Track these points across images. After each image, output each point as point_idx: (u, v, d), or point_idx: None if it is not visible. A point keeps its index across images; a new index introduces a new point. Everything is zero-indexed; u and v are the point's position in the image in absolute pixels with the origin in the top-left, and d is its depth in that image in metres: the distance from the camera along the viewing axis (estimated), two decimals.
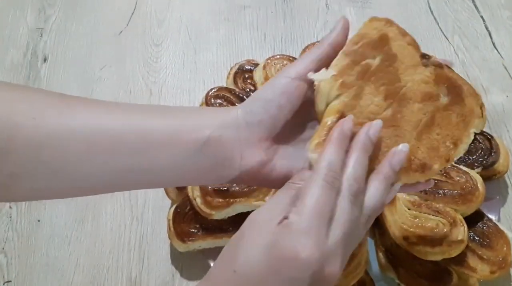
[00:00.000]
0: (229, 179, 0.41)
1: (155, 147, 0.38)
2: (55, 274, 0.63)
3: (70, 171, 0.37)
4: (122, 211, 0.67)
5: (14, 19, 0.85)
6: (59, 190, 0.39)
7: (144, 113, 0.40)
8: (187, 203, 0.59)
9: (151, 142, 0.38)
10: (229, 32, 0.83)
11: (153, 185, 0.43)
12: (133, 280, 0.62)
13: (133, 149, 0.38)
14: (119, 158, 0.38)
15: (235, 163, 0.40)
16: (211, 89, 0.67)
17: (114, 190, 0.43)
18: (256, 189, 0.55)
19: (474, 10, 0.83)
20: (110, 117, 0.38)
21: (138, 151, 0.38)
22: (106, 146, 0.37)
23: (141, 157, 0.38)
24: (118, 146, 0.38)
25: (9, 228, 0.66)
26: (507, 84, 0.75)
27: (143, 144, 0.38)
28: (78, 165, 0.37)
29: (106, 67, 0.80)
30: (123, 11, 0.86)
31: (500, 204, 0.64)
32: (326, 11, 0.85)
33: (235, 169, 0.40)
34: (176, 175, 0.40)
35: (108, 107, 0.40)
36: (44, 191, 0.39)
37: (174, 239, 0.60)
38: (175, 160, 0.39)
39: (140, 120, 0.39)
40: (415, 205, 0.54)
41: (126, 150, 0.38)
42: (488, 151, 0.62)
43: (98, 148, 0.37)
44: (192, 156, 0.39)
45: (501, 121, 0.71)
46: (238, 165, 0.40)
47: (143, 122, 0.39)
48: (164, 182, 0.45)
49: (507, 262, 0.55)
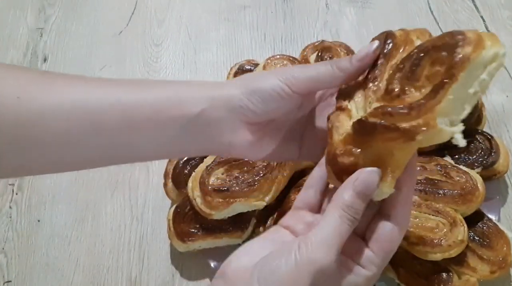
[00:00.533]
0: (215, 154, 0.42)
1: (140, 122, 0.39)
2: (55, 274, 0.63)
3: (56, 148, 0.38)
4: (122, 211, 0.67)
5: (14, 19, 0.85)
6: (46, 165, 0.40)
7: (129, 87, 0.40)
8: (187, 203, 0.59)
9: (135, 118, 0.39)
10: (229, 32, 0.83)
11: (138, 159, 0.43)
12: (133, 280, 0.62)
13: (116, 125, 0.38)
14: (103, 134, 0.38)
15: (223, 141, 0.41)
16: None
17: (101, 165, 0.43)
18: (256, 189, 0.55)
19: (474, 10, 0.83)
20: (93, 92, 0.39)
21: (121, 127, 0.39)
22: (90, 123, 0.38)
23: (125, 133, 0.39)
24: (101, 123, 0.38)
25: (9, 228, 0.66)
26: (507, 84, 0.75)
27: (126, 121, 0.38)
28: (63, 142, 0.38)
29: (106, 67, 0.80)
30: (123, 11, 0.86)
31: (500, 204, 0.64)
32: (326, 11, 0.85)
33: (223, 145, 0.41)
34: (162, 149, 0.41)
35: (92, 82, 0.40)
36: (31, 167, 0.40)
37: (174, 239, 0.60)
38: (160, 135, 0.40)
39: (124, 94, 0.39)
40: (415, 205, 0.54)
41: (109, 126, 0.38)
42: (488, 151, 0.62)
43: (81, 125, 0.38)
44: (178, 132, 0.40)
45: (501, 121, 0.71)
46: (227, 143, 0.41)
47: (126, 96, 0.39)
48: (148, 156, 0.45)
49: (507, 262, 0.55)
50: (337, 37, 0.81)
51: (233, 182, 0.56)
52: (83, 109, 0.38)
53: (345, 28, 0.82)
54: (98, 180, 0.69)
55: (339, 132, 0.38)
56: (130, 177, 0.69)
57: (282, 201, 0.59)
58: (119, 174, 0.69)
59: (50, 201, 0.68)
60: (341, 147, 0.38)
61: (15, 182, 0.69)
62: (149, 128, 0.39)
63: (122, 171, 0.70)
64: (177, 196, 0.63)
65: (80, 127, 0.38)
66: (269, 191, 0.56)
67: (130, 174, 0.69)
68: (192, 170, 0.60)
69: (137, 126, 0.39)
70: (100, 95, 0.38)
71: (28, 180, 0.70)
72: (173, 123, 0.39)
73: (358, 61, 0.38)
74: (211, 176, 0.56)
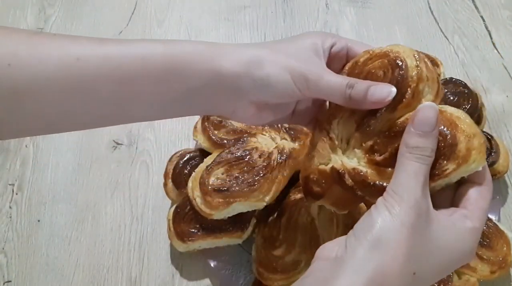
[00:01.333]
0: (215, 115, 0.44)
1: (134, 93, 0.38)
2: (55, 274, 0.63)
3: (53, 112, 0.38)
4: (122, 211, 0.67)
5: (14, 19, 0.85)
6: (46, 127, 0.40)
7: (123, 49, 0.38)
8: (187, 203, 0.59)
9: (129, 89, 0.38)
10: (229, 32, 0.83)
11: (137, 119, 0.43)
12: (133, 280, 0.62)
13: (109, 95, 0.38)
14: (95, 101, 0.38)
15: (226, 109, 0.42)
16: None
17: (95, 126, 0.42)
18: (256, 189, 0.55)
19: (474, 10, 0.83)
20: (87, 57, 0.37)
21: (114, 96, 0.38)
22: (82, 91, 0.37)
23: (119, 101, 0.38)
24: (94, 92, 0.37)
25: (9, 228, 0.66)
26: (507, 84, 0.75)
27: (120, 91, 0.38)
28: (59, 106, 0.37)
29: None
30: (123, 11, 0.86)
31: (500, 204, 0.64)
32: (326, 11, 0.85)
33: (225, 111, 0.42)
34: (159, 114, 0.41)
35: (85, 44, 0.38)
36: (32, 129, 0.40)
37: (174, 239, 0.60)
38: (156, 104, 0.39)
39: (117, 61, 0.37)
40: None
41: (101, 95, 0.37)
42: (488, 151, 0.62)
43: (74, 91, 0.37)
44: (184, 94, 0.39)
45: (501, 121, 0.71)
46: (230, 111, 0.42)
47: (119, 65, 0.37)
48: (148, 116, 0.43)
49: (507, 262, 0.55)
50: None
51: (233, 182, 0.56)
52: (78, 70, 0.36)
53: (345, 28, 0.82)
54: (98, 180, 0.69)
55: (319, 160, 0.42)
56: (130, 177, 0.69)
57: (282, 201, 0.59)
58: (119, 174, 0.69)
59: (50, 201, 0.68)
60: (316, 174, 0.42)
61: (15, 182, 0.69)
62: (148, 98, 0.39)
63: (122, 171, 0.70)
64: (177, 196, 0.63)
65: (74, 96, 0.37)
66: (269, 191, 0.56)
67: (130, 174, 0.70)
68: (192, 170, 0.60)
69: (134, 96, 0.38)
70: (96, 62, 0.37)
71: (28, 180, 0.70)
72: (174, 94, 0.39)
73: (371, 103, 0.38)
74: (211, 176, 0.56)
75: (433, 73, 0.39)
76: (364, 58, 0.41)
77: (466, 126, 0.36)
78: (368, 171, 0.38)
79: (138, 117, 0.42)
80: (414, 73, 0.37)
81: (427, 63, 0.39)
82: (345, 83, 0.38)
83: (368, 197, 0.38)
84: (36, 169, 0.70)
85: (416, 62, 0.38)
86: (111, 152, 0.71)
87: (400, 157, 0.35)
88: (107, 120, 0.41)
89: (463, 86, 0.63)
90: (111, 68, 0.37)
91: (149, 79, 0.38)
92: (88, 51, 0.37)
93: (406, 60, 0.38)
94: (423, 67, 0.38)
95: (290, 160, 0.58)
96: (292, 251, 0.56)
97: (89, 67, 0.37)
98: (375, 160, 0.38)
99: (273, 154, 0.57)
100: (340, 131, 0.41)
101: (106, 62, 0.37)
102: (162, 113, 0.41)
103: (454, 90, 0.62)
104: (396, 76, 0.38)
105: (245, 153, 0.57)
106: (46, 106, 0.37)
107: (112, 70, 0.37)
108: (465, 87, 0.63)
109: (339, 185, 0.39)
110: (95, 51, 0.37)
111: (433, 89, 0.38)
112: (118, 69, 0.37)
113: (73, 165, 0.71)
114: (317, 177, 0.41)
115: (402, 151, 0.35)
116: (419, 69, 0.38)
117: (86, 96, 0.37)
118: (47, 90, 0.36)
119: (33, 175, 0.70)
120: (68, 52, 0.37)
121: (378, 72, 0.39)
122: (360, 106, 0.38)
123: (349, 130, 0.40)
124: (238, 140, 0.60)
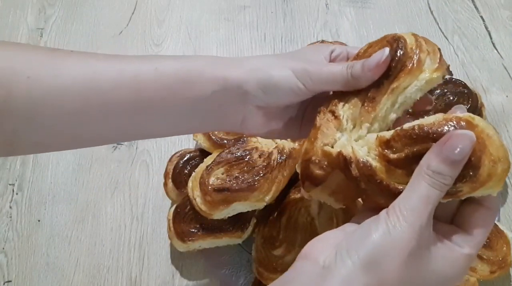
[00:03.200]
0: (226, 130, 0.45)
1: (153, 102, 0.40)
2: (55, 274, 0.63)
3: (68, 126, 0.39)
4: (122, 211, 0.67)
5: (14, 19, 0.85)
6: (59, 143, 0.41)
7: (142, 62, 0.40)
8: (187, 203, 0.59)
9: (145, 98, 0.39)
10: (229, 32, 0.83)
11: (149, 136, 0.46)
12: (133, 280, 0.62)
13: (126, 106, 0.39)
14: (113, 113, 0.39)
15: (234, 121, 0.42)
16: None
17: (112, 141, 0.46)
18: (256, 189, 0.55)
19: (474, 10, 0.83)
20: (105, 71, 0.39)
21: (131, 107, 0.39)
22: (99, 102, 0.38)
23: (135, 112, 0.40)
24: (111, 102, 0.39)
25: (9, 228, 0.66)
26: (507, 84, 0.75)
27: (136, 100, 0.39)
28: (75, 121, 0.39)
29: None
30: (123, 11, 0.86)
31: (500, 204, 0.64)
32: (326, 11, 0.85)
33: (234, 125, 0.43)
34: (172, 127, 0.42)
35: (103, 60, 0.40)
36: (45, 144, 0.41)
37: (174, 239, 0.60)
38: (172, 114, 0.41)
39: (133, 72, 0.39)
40: None
41: (119, 106, 0.39)
42: None
43: (91, 103, 0.38)
44: (190, 111, 0.41)
45: (501, 121, 0.71)
46: (238, 123, 0.42)
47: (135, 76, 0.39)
48: (159, 134, 0.46)
49: (507, 262, 0.55)
50: (337, 37, 0.81)
51: (233, 182, 0.56)
52: (94, 88, 0.38)
53: (345, 28, 0.82)
54: (98, 180, 0.69)
55: (323, 141, 0.39)
56: (130, 177, 0.69)
57: (282, 201, 0.59)
58: (119, 174, 0.69)
59: (50, 201, 0.68)
60: (319, 156, 0.38)
61: (15, 182, 0.69)
62: (162, 107, 0.40)
63: (122, 171, 0.70)
64: (177, 196, 0.63)
65: (91, 106, 0.38)
66: (269, 191, 0.56)
67: (130, 174, 0.70)
68: (192, 170, 0.61)
69: (149, 105, 0.40)
70: (112, 74, 0.39)
71: (28, 180, 0.70)
72: (185, 103, 0.40)
73: (369, 71, 0.38)
74: (211, 176, 0.56)
75: (434, 46, 0.39)
76: (364, 49, 0.41)
77: (494, 148, 0.33)
78: (378, 166, 0.35)
79: (152, 131, 0.43)
80: (413, 44, 0.38)
81: (427, 40, 0.39)
82: (345, 66, 0.39)
83: (371, 192, 0.36)
84: (36, 169, 0.70)
85: (415, 37, 0.39)
86: (111, 152, 0.71)
87: (417, 175, 0.33)
88: (122, 134, 0.42)
89: (463, 86, 0.63)
90: (127, 79, 0.39)
91: (163, 87, 0.40)
92: (104, 64, 0.39)
93: (404, 37, 0.39)
94: (422, 42, 0.38)
95: (290, 160, 0.58)
96: (292, 251, 0.56)
97: (107, 79, 0.38)
98: (388, 157, 0.35)
99: (273, 154, 0.57)
100: (345, 111, 0.39)
101: (122, 73, 0.39)
102: (174, 127, 0.43)
103: (454, 90, 0.62)
104: (396, 49, 0.38)
105: (245, 153, 0.57)
106: (63, 119, 0.38)
107: (128, 81, 0.39)
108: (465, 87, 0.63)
109: (343, 172, 0.37)
110: (111, 64, 0.39)
111: (434, 60, 0.38)
112: (134, 79, 0.39)
113: (73, 164, 0.71)
114: (319, 158, 0.38)
115: (421, 170, 0.33)
116: (419, 42, 0.38)
117: (103, 108, 0.39)
118: (64, 103, 0.38)
119: (33, 175, 0.70)
120: (86, 65, 0.39)
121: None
122: (361, 82, 0.38)
123: (355, 109, 0.39)
124: (238, 140, 0.60)
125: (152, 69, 0.39)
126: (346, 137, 0.38)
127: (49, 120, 0.38)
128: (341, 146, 0.38)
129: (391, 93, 0.38)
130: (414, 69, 0.37)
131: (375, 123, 0.38)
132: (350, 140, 0.38)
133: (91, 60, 0.39)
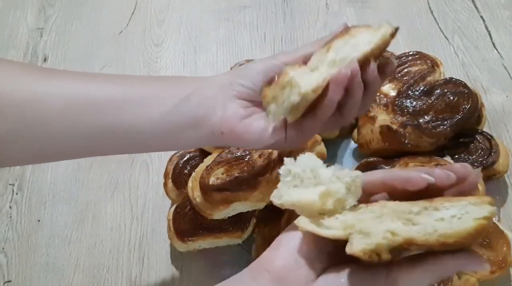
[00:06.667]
0: (207, 137, 0.43)
1: (132, 103, 0.42)
2: (55, 274, 0.63)
3: (52, 130, 0.40)
4: (122, 211, 0.67)
5: (14, 19, 0.85)
6: (45, 151, 0.43)
7: (123, 81, 0.44)
8: (187, 203, 0.60)
9: (128, 100, 0.42)
10: (229, 32, 0.83)
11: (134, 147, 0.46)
12: (133, 280, 0.62)
13: (109, 106, 0.41)
14: (97, 115, 0.41)
15: (215, 117, 0.43)
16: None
17: (96, 152, 0.46)
18: (256, 188, 0.55)
19: (474, 10, 0.83)
20: (85, 84, 0.42)
21: (114, 107, 0.41)
22: (82, 104, 0.41)
23: (118, 114, 0.42)
24: (94, 104, 0.41)
25: (9, 228, 0.66)
26: (507, 84, 0.75)
27: (119, 102, 0.42)
28: (58, 123, 0.40)
29: (106, 67, 0.80)
30: (123, 11, 0.86)
31: (500, 204, 0.64)
32: (326, 11, 0.85)
33: (214, 124, 0.43)
34: (155, 135, 0.43)
35: (91, 77, 0.44)
36: (32, 152, 0.42)
37: (174, 239, 0.60)
38: (152, 116, 0.42)
39: (117, 85, 0.43)
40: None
41: (102, 107, 0.41)
42: (488, 151, 0.62)
43: (74, 105, 0.40)
44: (171, 109, 0.42)
45: (501, 121, 0.71)
46: (219, 119, 0.43)
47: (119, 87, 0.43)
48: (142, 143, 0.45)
49: (507, 262, 0.55)
50: None
51: (233, 182, 0.56)
52: (77, 93, 0.41)
53: None
54: (98, 180, 0.69)
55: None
56: (130, 177, 0.69)
57: None
58: (119, 174, 0.69)
59: (50, 201, 0.68)
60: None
61: (15, 182, 0.69)
62: (142, 109, 0.42)
63: (122, 171, 0.70)
64: (177, 196, 0.63)
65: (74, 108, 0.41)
66: (269, 191, 0.56)
67: (130, 174, 0.70)
68: (192, 170, 0.61)
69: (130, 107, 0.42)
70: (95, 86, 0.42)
71: (28, 180, 0.70)
72: (164, 102, 0.43)
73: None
74: (211, 176, 0.56)
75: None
76: None
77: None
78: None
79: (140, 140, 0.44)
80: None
81: None
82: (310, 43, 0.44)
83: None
84: (36, 169, 0.70)
85: None
86: None
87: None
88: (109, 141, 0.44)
89: (463, 86, 0.63)
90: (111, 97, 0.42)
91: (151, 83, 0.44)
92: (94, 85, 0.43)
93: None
94: None
95: None
96: None
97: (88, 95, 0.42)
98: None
99: (273, 154, 0.57)
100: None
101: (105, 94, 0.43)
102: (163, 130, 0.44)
103: (454, 90, 0.62)
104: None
105: (245, 153, 0.57)
106: (46, 122, 0.40)
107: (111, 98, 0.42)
108: (465, 87, 0.63)
109: None
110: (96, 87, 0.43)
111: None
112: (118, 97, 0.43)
113: (73, 164, 0.71)
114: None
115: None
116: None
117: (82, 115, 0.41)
118: (47, 104, 0.40)
119: (33, 175, 0.70)
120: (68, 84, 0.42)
121: None
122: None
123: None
124: None
125: (146, 77, 0.46)
126: None
127: (33, 123, 0.40)
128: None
129: None
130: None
131: None
132: None
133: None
